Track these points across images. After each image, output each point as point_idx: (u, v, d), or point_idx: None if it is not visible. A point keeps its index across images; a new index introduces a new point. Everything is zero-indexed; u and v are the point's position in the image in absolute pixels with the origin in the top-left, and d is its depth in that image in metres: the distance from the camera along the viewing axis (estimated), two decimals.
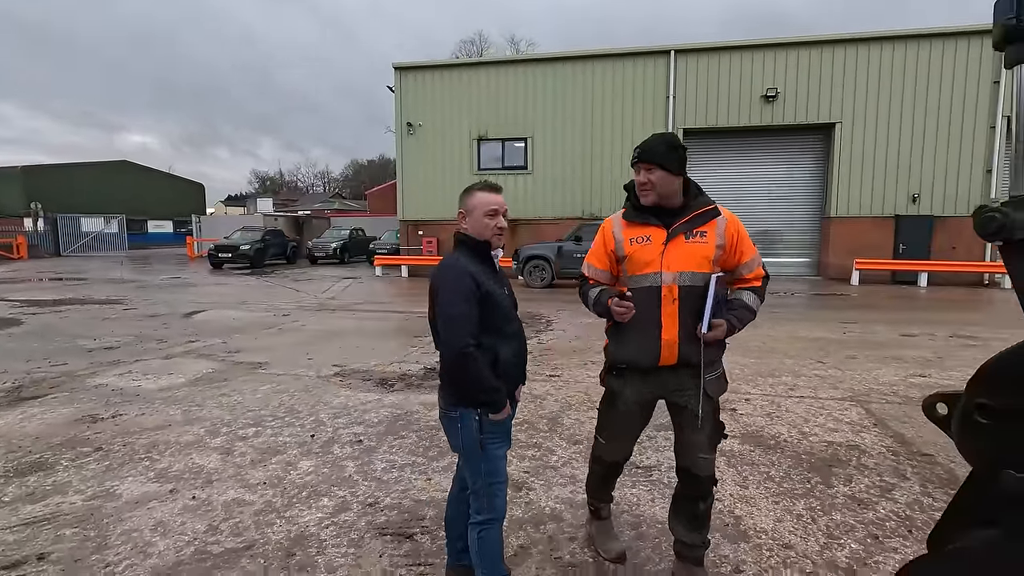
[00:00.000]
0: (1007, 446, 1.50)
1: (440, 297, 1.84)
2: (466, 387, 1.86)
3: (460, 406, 1.90)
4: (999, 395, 1.48)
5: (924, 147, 15.18)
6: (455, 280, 1.85)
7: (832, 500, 2.99)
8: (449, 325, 1.81)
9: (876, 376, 5.54)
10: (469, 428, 1.90)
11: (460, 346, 1.79)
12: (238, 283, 15.15)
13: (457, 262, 1.89)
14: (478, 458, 1.92)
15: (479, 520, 1.97)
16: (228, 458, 3.49)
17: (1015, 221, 1.55)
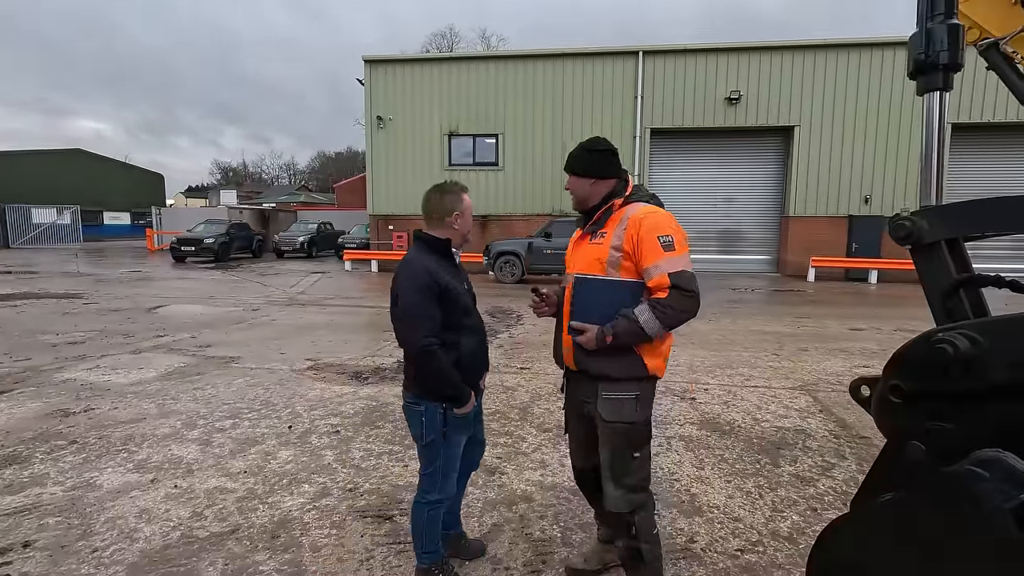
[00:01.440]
0: (913, 421, 1.76)
1: (401, 295, 1.92)
2: (431, 383, 1.96)
3: (425, 400, 2.00)
4: (907, 378, 1.74)
5: (876, 151, 15.97)
6: (415, 277, 1.93)
7: (778, 478, 3.27)
8: (410, 322, 1.91)
9: (825, 367, 5.93)
10: (434, 421, 2.01)
11: (423, 344, 1.89)
12: (203, 277, 14.86)
13: (417, 260, 1.99)
14: (439, 447, 2.05)
15: (431, 500, 2.11)
16: (207, 449, 3.57)
17: (922, 228, 1.81)
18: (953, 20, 1.78)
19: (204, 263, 19.26)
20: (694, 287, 1.85)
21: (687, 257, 1.88)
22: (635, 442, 1.96)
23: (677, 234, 1.87)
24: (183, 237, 20.34)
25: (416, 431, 2.07)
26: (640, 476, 1.99)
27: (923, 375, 1.69)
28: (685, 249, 1.88)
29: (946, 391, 1.63)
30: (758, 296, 12.38)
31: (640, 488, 1.99)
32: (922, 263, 1.87)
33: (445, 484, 2.12)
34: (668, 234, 1.85)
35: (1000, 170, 16.10)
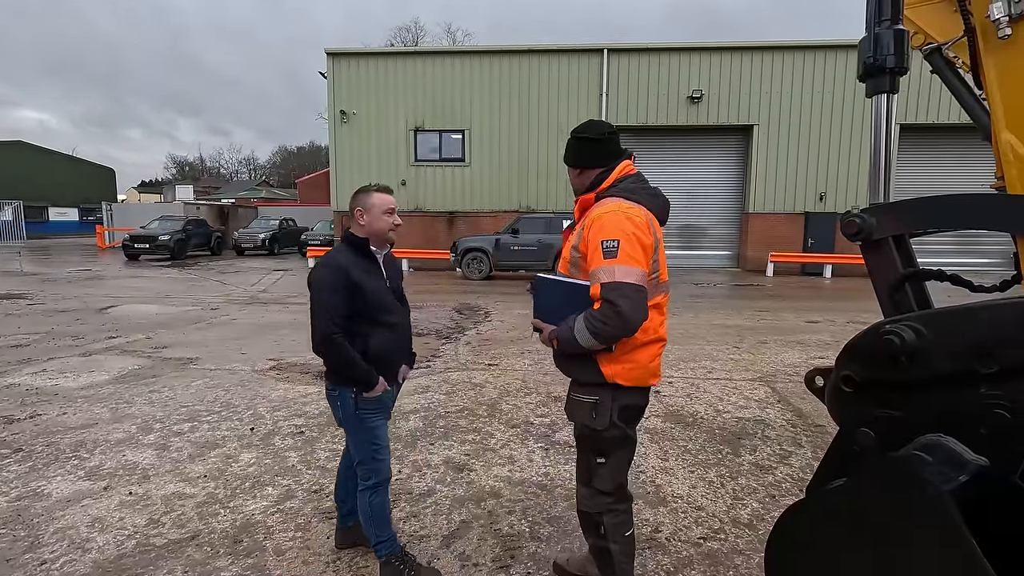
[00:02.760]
0: (863, 409, 1.83)
1: (313, 287, 2.03)
2: (338, 369, 2.07)
3: (339, 385, 2.11)
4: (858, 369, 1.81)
5: (831, 150, 16.57)
6: (324, 273, 2.04)
7: (739, 467, 3.37)
8: (316, 312, 2.01)
9: (783, 359, 6.13)
10: (347, 404, 2.12)
11: (325, 332, 1.99)
12: (158, 276, 14.31)
13: (331, 257, 2.08)
14: (359, 430, 2.16)
15: (369, 485, 2.18)
16: (164, 454, 3.44)
17: (871, 225, 1.89)
18: (899, 26, 1.86)
19: (159, 261, 18.53)
20: (622, 304, 1.65)
21: (628, 268, 1.68)
22: (598, 448, 1.91)
23: (625, 240, 1.70)
24: (136, 234, 19.51)
25: (336, 416, 2.19)
26: (610, 482, 1.92)
27: (872, 365, 1.77)
28: (629, 259, 1.69)
29: (894, 380, 1.71)
30: (719, 291, 12.70)
31: (610, 493, 1.93)
32: (871, 258, 1.95)
33: (380, 466, 2.20)
34: (613, 238, 1.69)
35: (946, 169, 16.94)
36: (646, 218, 1.82)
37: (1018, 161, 1.60)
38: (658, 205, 1.93)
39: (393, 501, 2.88)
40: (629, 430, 1.92)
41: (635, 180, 1.92)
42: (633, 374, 1.85)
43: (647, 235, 1.78)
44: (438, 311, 9.08)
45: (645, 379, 1.89)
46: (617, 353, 1.83)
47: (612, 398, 1.85)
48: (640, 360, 1.86)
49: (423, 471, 3.25)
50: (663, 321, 1.93)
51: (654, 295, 1.84)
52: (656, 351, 1.91)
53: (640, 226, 1.77)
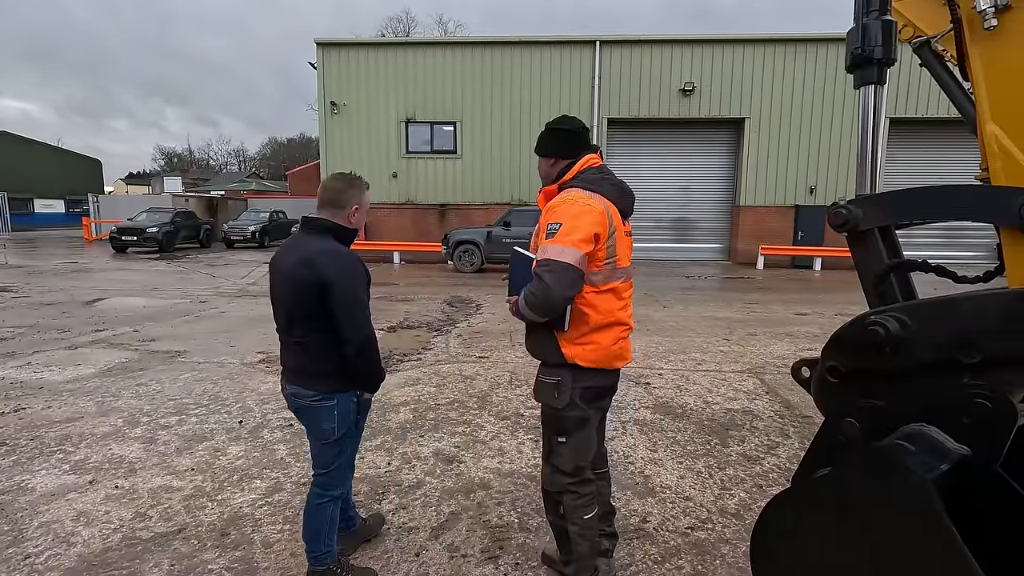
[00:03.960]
0: (848, 399, 1.85)
1: (342, 286, 1.85)
2: (368, 370, 1.97)
3: (337, 392, 1.97)
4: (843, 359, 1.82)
5: (821, 143, 16.64)
6: (355, 269, 1.91)
7: (727, 458, 3.40)
8: (358, 313, 1.88)
9: (771, 351, 6.18)
10: (347, 411, 2.01)
11: (370, 331, 1.90)
12: (146, 268, 14.16)
13: (343, 250, 1.94)
14: (346, 437, 2.05)
15: (335, 496, 2.09)
16: (151, 447, 3.42)
17: (857, 216, 1.89)
18: (887, 17, 1.86)
19: (147, 254, 18.33)
20: (546, 278, 1.74)
21: (562, 247, 1.76)
22: (558, 427, 1.98)
23: (569, 223, 1.78)
24: (124, 226, 19.25)
25: (327, 427, 2.00)
26: (570, 462, 1.97)
27: (857, 355, 1.78)
28: (565, 239, 1.77)
29: (878, 370, 1.72)
30: (710, 283, 12.76)
31: (570, 473, 1.97)
32: (857, 249, 1.96)
33: (348, 474, 2.17)
34: (558, 221, 1.80)
35: (935, 163, 17.07)
36: (602, 207, 1.87)
37: (1002, 152, 1.61)
38: (620, 196, 1.97)
39: (382, 493, 2.89)
40: (591, 411, 1.99)
41: (597, 172, 1.98)
42: (593, 355, 1.92)
43: (596, 218, 1.83)
44: (429, 304, 9.06)
45: (608, 361, 1.96)
46: (575, 334, 1.91)
47: (573, 379, 1.93)
48: (600, 342, 1.93)
49: (412, 463, 3.24)
50: (624, 306, 2.00)
51: (611, 280, 1.92)
52: (617, 334, 1.97)
53: (590, 212, 1.83)
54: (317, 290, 1.85)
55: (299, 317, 1.94)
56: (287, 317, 1.97)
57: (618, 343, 1.99)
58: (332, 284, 1.85)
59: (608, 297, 1.93)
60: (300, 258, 1.90)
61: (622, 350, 2.02)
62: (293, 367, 2.01)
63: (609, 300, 1.94)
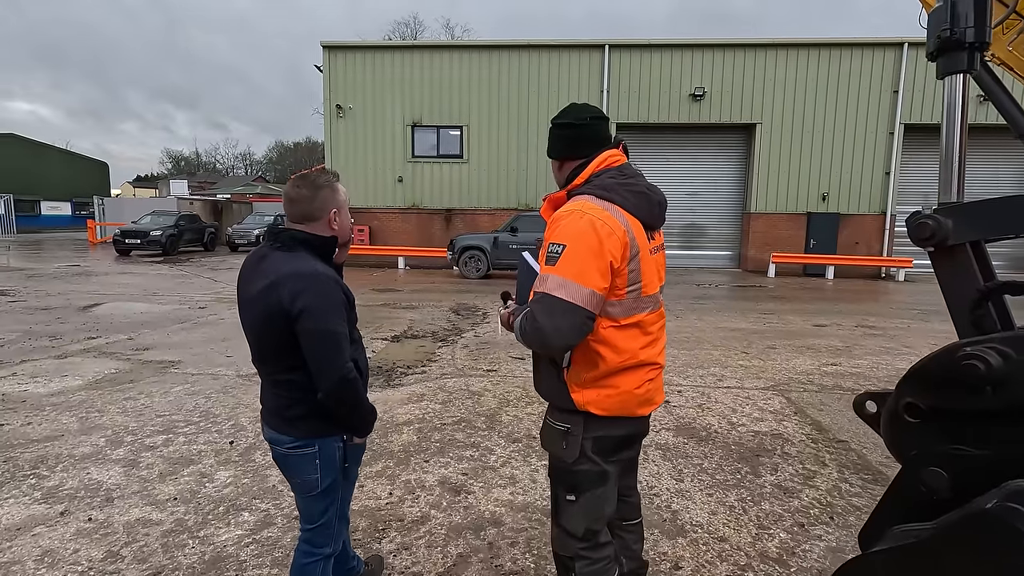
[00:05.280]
0: (932, 445, 1.55)
1: (311, 316, 1.51)
2: (348, 412, 1.62)
3: (318, 437, 1.65)
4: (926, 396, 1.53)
5: (833, 149, 16.31)
6: (328, 294, 1.55)
7: (760, 490, 3.10)
8: (331, 348, 1.53)
9: (794, 365, 5.87)
10: (333, 458, 1.69)
11: (344, 371, 1.55)
12: (148, 272, 13.97)
13: (317, 269, 1.58)
14: (332, 488, 1.73)
15: (327, 554, 1.78)
16: (132, 471, 3.15)
17: (946, 228, 1.60)
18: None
19: (150, 257, 18.18)
20: (540, 320, 1.42)
21: (562, 280, 1.41)
22: (568, 483, 1.64)
23: (572, 246, 1.43)
24: (127, 229, 19.13)
25: (309, 478, 1.68)
26: (580, 524, 1.64)
27: (946, 393, 1.49)
28: (568, 269, 1.42)
29: (970, 411, 1.44)
30: (722, 292, 12.44)
31: (580, 537, 1.64)
32: (945, 267, 1.67)
33: (341, 528, 1.84)
34: (560, 242, 1.45)
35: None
36: (617, 222, 1.47)
37: None
38: (643, 205, 1.56)
39: (382, 530, 2.60)
40: (607, 465, 1.63)
41: (616, 174, 1.57)
42: (610, 402, 1.58)
43: (611, 242, 1.44)
44: (434, 311, 8.79)
45: (628, 408, 1.60)
46: (587, 376, 1.58)
47: (585, 427, 1.60)
48: (621, 386, 1.58)
49: (416, 494, 2.96)
50: (652, 342, 1.61)
51: (634, 312, 1.55)
52: (642, 377, 1.60)
53: (601, 231, 1.44)
54: (284, 321, 1.53)
55: (270, 351, 1.62)
56: (257, 350, 1.66)
57: (643, 387, 1.60)
58: (300, 314, 1.51)
59: (632, 334, 1.56)
60: (267, 282, 1.56)
61: (649, 393, 1.63)
62: (269, 408, 1.70)
63: (632, 337, 1.56)
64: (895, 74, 15.77)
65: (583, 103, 1.68)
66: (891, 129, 15.99)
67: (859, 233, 16.37)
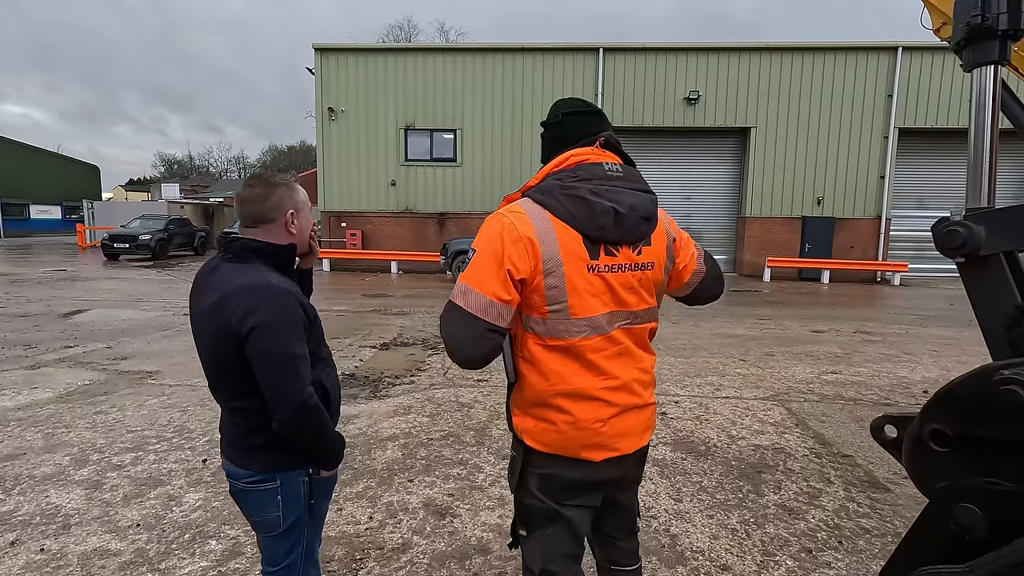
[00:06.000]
0: (964, 477, 1.38)
1: (263, 336, 1.32)
2: (309, 444, 1.42)
3: (280, 471, 1.46)
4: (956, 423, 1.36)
5: (828, 153, 16.25)
6: (284, 309, 1.36)
7: (764, 510, 2.93)
8: (286, 372, 1.33)
9: (793, 374, 5.72)
10: (296, 496, 1.49)
11: (303, 397, 1.35)
12: (135, 277, 13.71)
13: (271, 282, 1.37)
14: (303, 526, 1.54)
15: None
16: (95, 494, 2.94)
17: (979, 236, 1.43)
18: None
19: (139, 261, 17.91)
20: (444, 329, 1.29)
21: (465, 288, 1.26)
22: (518, 515, 1.47)
23: (480, 249, 1.28)
24: (116, 233, 18.87)
25: (270, 516, 1.48)
26: (535, 562, 1.44)
27: (979, 420, 1.33)
28: (472, 277, 1.26)
29: (1009, 441, 1.28)
30: None
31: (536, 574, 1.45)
32: (977, 280, 1.50)
33: (308, 570, 1.62)
34: (474, 248, 1.31)
35: (943, 175, 16.71)
36: (529, 227, 1.27)
37: None
38: (582, 213, 1.29)
39: (359, 560, 2.42)
40: (559, 507, 1.39)
41: (567, 175, 1.35)
42: (545, 437, 1.36)
43: (514, 249, 1.25)
44: (426, 318, 8.60)
45: (569, 448, 1.35)
46: (525, 400, 1.39)
47: (525, 459, 1.41)
48: (554, 420, 1.35)
49: (398, 517, 2.77)
50: (593, 373, 1.34)
51: (561, 335, 1.31)
52: (589, 414, 1.33)
53: (507, 236, 1.26)
54: (234, 341, 1.34)
55: (223, 375, 1.44)
56: (210, 373, 1.48)
57: (582, 428, 1.34)
58: (250, 333, 1.32)
59: (559, 359, 1.33)
60: (215, 297, 1.39)
61: (601, 437, 1.35)
62: (226, 438, 1.52)
63: (561, 362, 1.33)
64: (889, 78, 15.74)
65: (568, 97, 1.50)
66: (885, 133, 15.95)
67: (854, 237, 16.30)
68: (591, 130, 1.42)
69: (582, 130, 1.42)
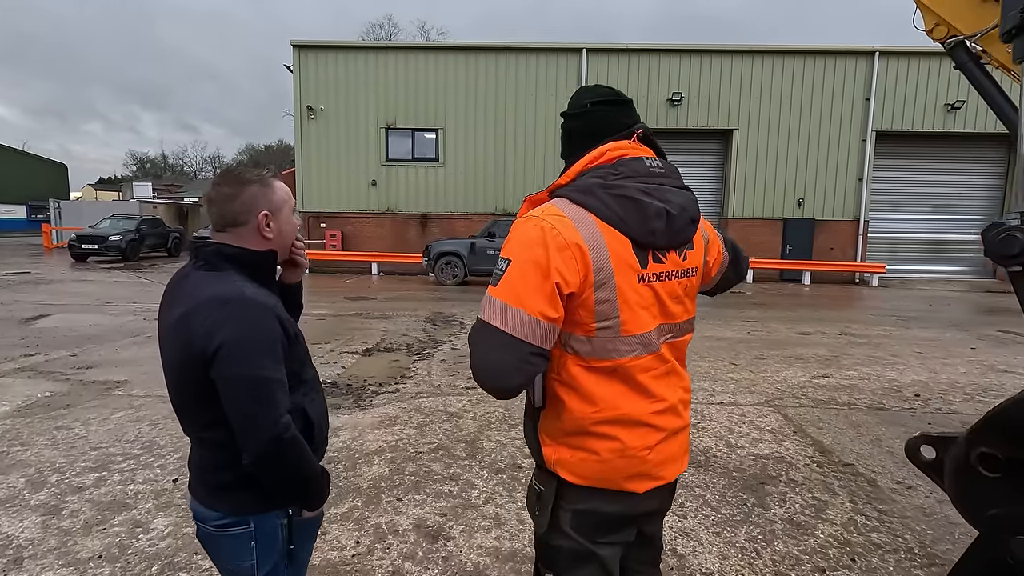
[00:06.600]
0: (1018, 504, 1.25)
1: (230, 358, 1.12)
2: (285, 485, 1.22)
3: (252, 513, 1.26)
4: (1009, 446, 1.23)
5: (808, 155, 16.43)
6: (256, 324, 1.16)
7: (771, 526, 2.81)
8: (258, 399, 1.13)
9: (785, 377, 5.65)
10: (274, 540, 1.29)
11: (278, 429, 1.13)
12: (105, 280, 13.20)
13: (245, 294, 1.18)
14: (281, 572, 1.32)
15: None
16: (52, 521, 2.69)
17: None
18: None
19: (109, 263, 17.29)
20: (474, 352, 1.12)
21: (501, 304, 1.09)
22: (544, 558, 1.30)
23: (518, 263, 1.10)
24: (84, 234, 18.21)
25: (242, 565, 1.27)
26: None
27: None
28: (509, 291, 1.09)
29: None
30: (702, 298, 12.15)
31: None
32: None
33: None
34: (507, 257, 1.13)
35: (915, 176, 17.03)
36: (575, 233, 1.10)
37: None
38: (631, 215, 1.14)
39: None
40: (594, 546, 1.23)
41: (607, 172, 1.19)
42: (585, 468, 1.20)
43: (561, 258, 1.08)
44: (409, 321, 8.38)
45: (612, 480, 1.20)
46: (559, 430, 1.22)
47: (559, 494, 1.23)
48: (597, 449, 1.19)
49: (388, 541, 2.58)
50: (643, 396, 1.20)
51: (609, 356, 1.15)
52: (634, 441, 1.18)
53: (551, 244, 1.09)
54: (200, 362, 1.14)
55: (189, 400, 1.23)
56: (175, 396, 1.26)
57: (626, 457, 1.18)
58: (216, 354, 1.12)
59: (607, 381, 1.17)
60: (181, 310, 1.19)
61: (646, 465, 1.20)
62: (193, 473, 1.31)
63: (608, 385, 1.17)
64: (867, 82, 15.97)
65: (594, 84, 1.33)
66: (863, 136, 16.18)
67: (834, 239, 16.50)
68: (624, 121, 1.26)
69: (612, 121, 1.25)
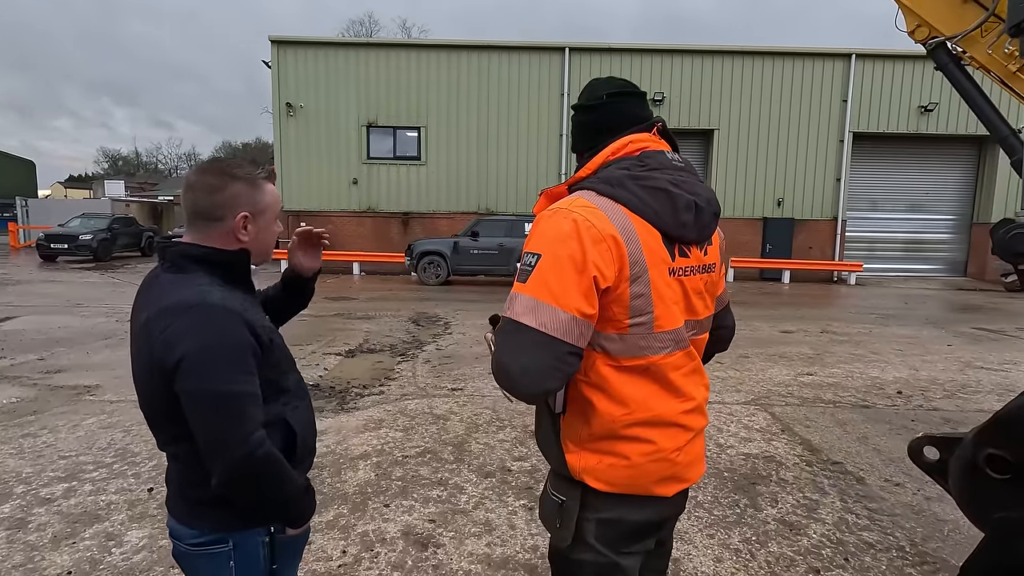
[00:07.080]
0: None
1: (193, 370, 1.02)
2: (262, 506, 1.14)
3: (233, 532, 1.17)
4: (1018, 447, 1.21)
5: (788, 156, 16.66)
6: (220, 332, 1.06)
7: (764, 526, 2.79)
8: (225, 415, 1.03)
9: (770, 376, 5.68)
10: (255, 559, 1.19)
11: (248, 447, 1.03)
12: (75, 280, 12.79)
13: (209, 299, 1.07)
14: None
15: None
16: (18, 535, 2.55)
17: None
18: None
19: (79, 263, 16.77)
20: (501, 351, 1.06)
21: (534, 302, 1.03)
22: (564, 572, 1.24)
23: (550, 254, 1.05)
24: (53, 233, 17.64)
25: None
26: None
27: None
28: (542, 288, 1.03)
29: None
30: None
31: None
32: None
33: None
34: (535, 251, 1.07)
35: (891, 177, 17.39)
36: (609, 224, 1.06)
37: None
38: (663, 207, 1.11)
39: None
40: (619, 557, 1.17)
41: (632, 164, 1.15)
42: (614, 474, 1.14)
43: (597, 251, 1.03)
44: (392, 322, 8.26)
45: (642, 485, 1.16)
46: (587, 435, 1.16)
47: (583, 504, 1.17)
48: (627, 454, 1.14)
49: (375, 550, 2.50)
50: (674, 395, 1.16)
51: (643, 353, 1.11)
52: (665, 443, 1.15)
53: (586, 237, 1.04)
54: (161, 376, 1.04)
55: (158, 412, 1.13)
56: (145, 408, 1.16)
57: (658, 459, 1.14)
58: (177, 367, 1.02)
59: (639, 381, 1.13)
60: (143, 317, 1.10)
61: (675, 468, 1.17)
62: (169, 488, 1.22)
63: (641, 385, 1.13)
64: (844, 84, 16.26)
65: (608, 77, 1.27)
66: (841, 137, 16.47)
67: (813, 238, 16.76)
68: (641, 113, 1.23)
69: (629, 113, 1.22)
